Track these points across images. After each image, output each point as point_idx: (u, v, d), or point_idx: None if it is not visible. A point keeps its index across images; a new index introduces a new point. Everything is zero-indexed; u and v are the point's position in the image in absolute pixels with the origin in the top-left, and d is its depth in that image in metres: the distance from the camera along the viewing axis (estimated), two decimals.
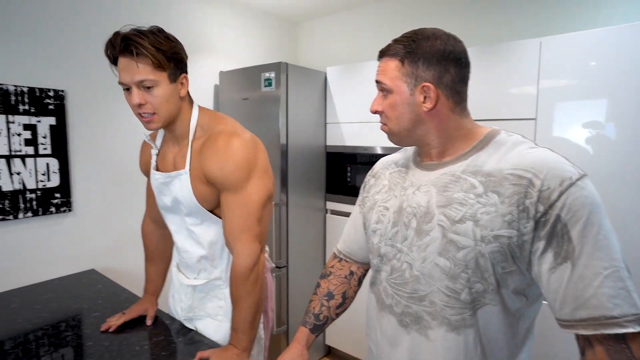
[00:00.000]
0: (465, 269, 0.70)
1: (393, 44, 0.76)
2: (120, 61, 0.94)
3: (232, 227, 1.02)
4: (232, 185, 1.01)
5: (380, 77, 0.77)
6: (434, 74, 0.72)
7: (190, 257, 1.16)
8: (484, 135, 0.77)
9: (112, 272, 1.93)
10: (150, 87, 0.94)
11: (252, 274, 1.02)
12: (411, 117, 0.76)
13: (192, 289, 1.21)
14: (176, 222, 1.16)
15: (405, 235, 0.79)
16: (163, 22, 2.08)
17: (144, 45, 0.90)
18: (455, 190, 0.73)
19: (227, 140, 1.01)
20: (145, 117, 0.98)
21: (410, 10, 2.38)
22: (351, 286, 1.02)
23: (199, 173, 1.05)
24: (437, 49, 0.72)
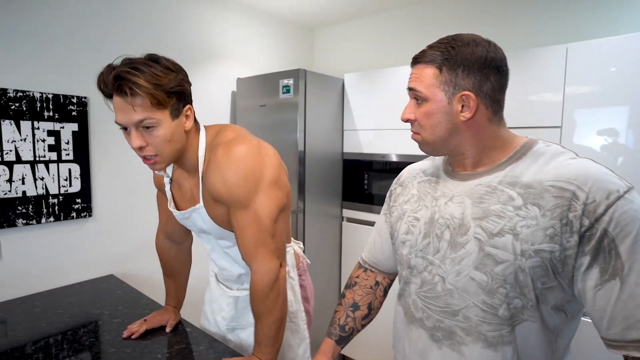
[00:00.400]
0: (504, 284, 0.68)
1: (429, 50, 0.74)
2: (115, 100, 0.83)
3: (246, 244, 0.96)
4: (238, 200, 0.93)
5: (415, 84, 0.75)
6: (474, 82, 0.70)
7: (230, 274, 1.16)
8: (521, 145, 0.75)
9: (131, 278, 1.94)
10: (151, 127, 0.84)
11: (272, 291, 0.97)
12: (447, 127, 0.74)
13: (234, 300, 1.19)
14: (210, 241, 1.14)
15: (437, 247, 0.77)
16: (180, 28, 2.10)
17: (139, 84, 0.79)
18: (491, 202, 0.71)
19: (226, 150, 0.92)
20: (148, 159, 0.89)
21: (429, 17, 2.36)
22: (377, 297, 1.00)
23: (208, 197, 0.98)
24: (478, 55, 0.70)
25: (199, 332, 1.24)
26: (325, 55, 2.93)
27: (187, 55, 2.12)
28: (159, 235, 1.28)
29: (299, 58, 2.86)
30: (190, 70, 2.15)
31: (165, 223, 1.24)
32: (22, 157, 1.60)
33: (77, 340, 1.18)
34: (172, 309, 1.29)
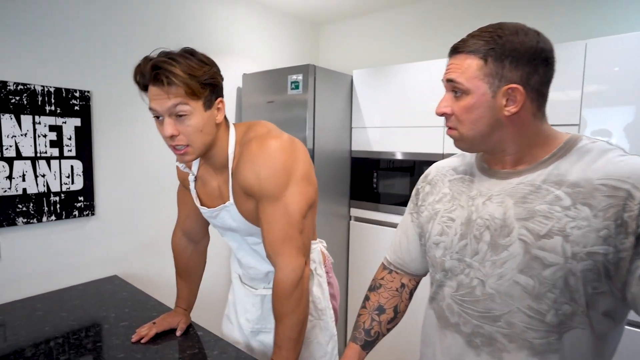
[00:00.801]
0: (552, 289, 0.64)
1: (470, 39, 0.69)
2: (151, 90, 0.85)
3: (273, 239, 0.94)
4: (269, 193, 0.92)
5: (455, 75, 0.69)
6: (522, 75, 0.66)
7: (257, 272, 1.13)
8: (565, 142, 0.71)
9: (135, 279, 1.88)
10: (183, 116, 0.85)
11: (296, 290, 0.94)
12: (490, 122, 0.69)
13: (260, 299, 1.16)
14: (236, 239, 1.11)
15: (475, 249, 0.73)
16: (184, 22, 2.04)
17: (176, 73, 0.82)
18: (537, 202, 0.67)
19: (260, 144, 0.93)
20: (179, 150, 0.89)
21: (438, 14, 2.33)
22: (403, 299, 0.96)
23: (239, 191, 0.97)
24: (528, 45, 0.65)
25: (212, 336, 1.19)
26: (330, 51, 2.88)
27: None
28: (177, 233, 1.24)
29: (304, 54, 2.81)
30: None
31: (185, 220, 1.20)
32: (23, 153, 1.53)
33: (83, 345, 1.12)
34: (182, 311, 1.24)
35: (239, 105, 2.35)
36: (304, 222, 0.96)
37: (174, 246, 1.24)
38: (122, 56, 1.80)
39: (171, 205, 2.03)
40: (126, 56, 1.81)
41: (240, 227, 1.03)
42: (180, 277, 1.25)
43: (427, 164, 2.01)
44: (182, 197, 1.20)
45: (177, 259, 1.24)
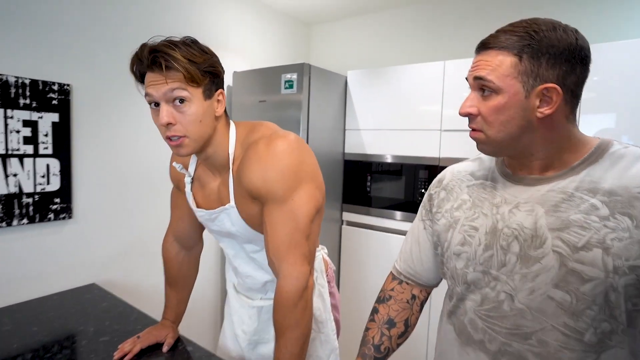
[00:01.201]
0: (592, 305, 0.59)
1: (502, 35, 0.64)
2: (148, 76, 0.81)
3: (277, 245, 0.88)
4: (276, 196, 0.87)
5: (485, 72, 0.64)
6: (559, 74, 0.61)
7: (254, 282, 1.06)
8: (596, 146, 0.67)
9: (116, 287, 1.75)
10: (181, 104, 0.80)
11: (300, 300, 0.87)
12: (521, 124, 0.64)
13: (257, 310, 1.08)
14: (234, 246, 1.04)
15: (502, 261, 0.68)
16: (174, 14, 1.94)
17: (175, 57, 0.77)
18: (571, 211, 0.62)
19: (267, 144, 0.87)
20: (174, 141, 0.82)
21: (431, 16, 2.30)
22: (413, 312, 0.90)
23: (243, 194, 0.90)
24: (567, 43, 0.60)
25: (203, 352, 1.09)
26: (322, 51, 2.83)
27: None
28: (168, 238, 1.16)
29: (295, 53, 2.74)
30: None
31: (177, 224, 1.13)
32: None
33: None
34: (169, 323, 1.15)
35: (228, 105, 2.26)
36: (311, 227, 0.90)
37: (165, 252, 1.16)
38: (106, 48, 1.68)
39: (159, 207, 1.92)
40: (111, 48, 1.70)
41: (239, 232, 0.96)
42: (170, 286, 1.16)
43: (422, 167, 1.98)
44: (175, 199, 1.12)
45: (167, 266, 1.16)
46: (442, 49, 2.26)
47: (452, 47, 2.22)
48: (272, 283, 1.04)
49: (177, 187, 1.09)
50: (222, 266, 2.28)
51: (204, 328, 2.22)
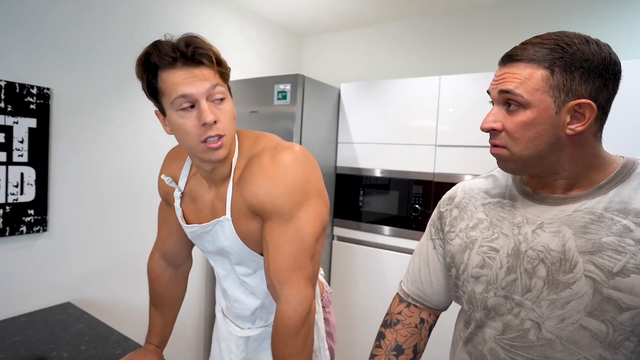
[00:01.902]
0: (631, 336, 0.55)
1: (531, 47, 0.60)
2: (177, 73, 0.72)
3: (279, 266, 0.80)
4: (281, 212, 0.80)
5: (513, 86, 0.60)
6: (592, 90, 0.58)
7: (244, 309, 0.97)
8: (622, 165, 0.64)
9: (95, 307, 1.63)
10: (220, 101, 0.76)
11: (303, 327, 0.80)
12: (550, 141, 0.61)
13: (245, 341, 1.00)
14: (225, 266, 0.96)
15: (527, 286, 0.63)
16: (163, 20, 1.88)
17: (217, 53, 0.75)
18: (602, 233, 0.58)
19: (273, 156, 0.81)
20: (213, 143, 0.75)
21: (425, 31, 2.31)
22: (422, 337, 0.84)
23: (243, 208, 0.83)
24: (601, 57, 0.58)
25: None
26: (314, 63, 2.80)
27: None
28: (154, 256, 1.08)
29: (288, 64, 2.70)
30: None
31: (165, 241, 1.05)
32: None
33: None
34: (154, 348, 1.05)
35: None
36: (316, 247, 0.83)
37: (150, 271, 1.08)
38: (91, 53, 1.60)
39: (143, 222, 1.81)
40: (96, 54, 1.62)
41: (232, 249, 0.89)
42: (155, 307, 1.07)
43: (416, 182, 1.95)
44: (163, 215, 1.04)
45: (152, 285, 1.08)
46: (437, 63, 2.26)
47: (448, 62, 2.23)
48: (262, 311, 0.97)
49: (166, 202, 1.01)
50: (208, 286, 2.17)
51: (187, 353, 2.10)
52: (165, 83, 0.73)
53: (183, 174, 0.93)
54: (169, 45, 0.72)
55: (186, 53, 0.72)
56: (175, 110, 0.74)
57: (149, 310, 1.08)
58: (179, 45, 0.72)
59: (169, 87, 0.73)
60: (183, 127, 0.75)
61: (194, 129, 0.74)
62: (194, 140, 0.75)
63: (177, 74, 0.72)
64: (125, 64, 1.70)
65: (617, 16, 1.80)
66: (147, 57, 0.74)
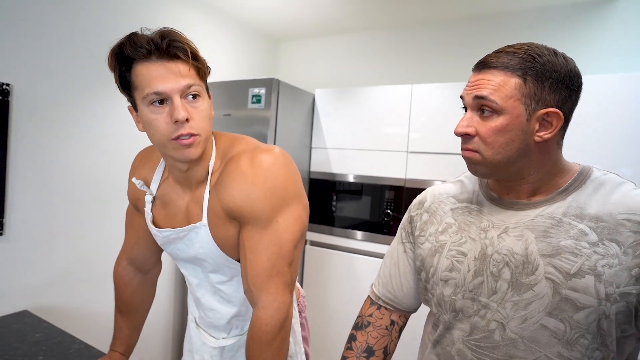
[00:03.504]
0: (585, 334, 0.58)
1: (504, 55, 0.63)
2: (151, 66, 0.69)
3: (257, 272, 0.78)
4: (259, 217, 0.77)
5: (488, 92, 0.62)
6: (559, 99, 0.61)
7: (218, 318, 0.93)
8: (579, 172, 0.68)
9: (54, 315, 1.54)
10: (195, 99, 0.73)
11: (280, 333, 0.78)
12: (519, 147, 0.64)
13: (219, 351, 0.96)
14: (197, 275, 0.92)
15: (493, 288, 0.66)
16: (132, 17, 1.83)
17: (194, 48, 0.72)
18: (560, 237, 0.62)
19: (251, 159, 0.78)
20: (185, 140, 0.71)
21: (400, 40, 2.38)
22: (392, 339, 0.86)
23: (220, 212, 0.81)
24: (568, 69, 0.61)
25: None
26: (289, 68, 2.81)
27: None
28: (121, 261, 1.04)
29: (262, 68, 2.70)
30: None
31: (133, 246, 1.01)
32: None
33: None
34: (118, 356, 1.01)
35: None
36: (295, 252, 0.82)
37: (117, 277, 1.04)
38: (57, 50, 1.53)
39: (107, 226, 1.74)
40: (63, 51, 1.55)
41: (208, 256, 0.86)
42: (121, 314, 1.03)
43: (388, 188, 1.99)
44: (131, 219, 1.00)
45: (119, 291, 1.04)
46: (410, 72, 2.33)
47: (420, 71, 2.30)
48: (238, 319, 0.94)
49: (135, 206, 0.97)
50: (178, 292, 2.11)
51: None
52: (138, 76, 0.70)
53: (155, 177, 0.89)
54: (144, 38, 0.69)
55: (161, 46, 0.69)
56: (147, 106, 0.71)
57: (114, 316, 1.04)
58: (154, 38, 0.69)
59: (142, 81, 0.70)
60: (154, 122, 0.71)
61: (165, 126, 0.71)
62: (165, 137, 0.72)
63: (151, 68, 0.69)
64: (93, 62, 1.64)
65: (580, 33, 1.93)
66: (121, 49, 0.70)
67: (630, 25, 1.81)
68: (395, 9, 2.13)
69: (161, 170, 0.89)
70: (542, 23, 1.99)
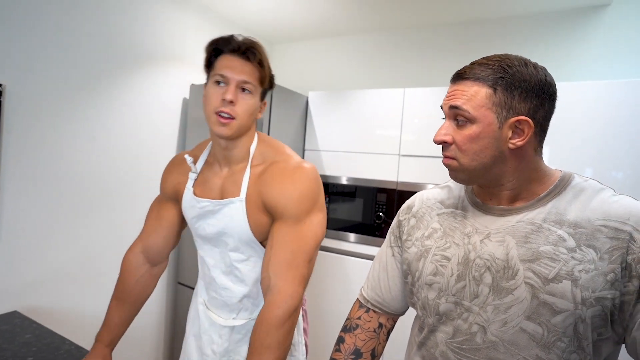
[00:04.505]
0: (562, 337, 0.60)
1: (477, 67, 0.66)
2: (229, 59, 0.91)
3: (279, 261, 0.89)
4: (292, 215, 0.92)
5: (461, 102, 0.66)
6: (530, 108, 0.64)
7: (231, 296, 1.02)
8: (559, 179, 0.70)
9: (43, 315, 1.54)
10: (246, 93, 0.91)
11: (288, 320, 0.86)
12: (493, 154, 0.66)
13: (229, 330, 1.04)
14: (215, 256, 1.02)
15: (475, 292, 0.68)
16: (127, 24, 1.84)
17: (264, 56, 0.92)
18: (540, 242, 0.64)
19: (296, 167, 0.95)
20: (225, 118, 0.89)
21: (393, 44, 2.40)
22: (380, 341, 0.87)
23: (257, 200, 0.95)
24: (537, 78, 0.64)
25: None
26: (283, 70, 2.82)
27: (132, 52, 1.84)
28: (134, 248, 1.10)
29: None
30: (134, 68, 1.87)
31: (151, 234, 1.09)
32: None
33: None
34: (102, 349, 1.02)
35: (184, 118, 2.15)
36: (314, 252, 0.94)
37: (126, 262, 1.09)
38: (51, 51, 1.53)
39: (99, 226, 1.74)
40: (57, 52, 1.55)
41: (234, 231, 0.95)
42: (117, 301, 1.07)
43: (380, 191, 2.00)
44: (158, 210, 1.10)
45: (123, 277, 1.09)
46: (402, 76, 2.35)
47: (412, 75, 2.32)
48: (248, 300, 1.01)
49: (172, 193, 1.08)
50: (168, 291, 2.11)
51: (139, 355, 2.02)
52: (218, 62, 0.91)
53: (201, 160, 1.05)
54: (235, 39, 0.91)
55: (241, 47, 0.90)
56: (212, 83, 0.91)
57: (109, 305, 1.06)
58: (239, 41, 0.91)
59: (217, 65, 0.91)
60: (210, 96, 0.90)
61: (215, 100, 0.89)
62: (211, 108, 0.89)
63: (228, 58, 0.90)
64: (86, 62, 1.64)
65: (569, 40, 1.96)
66: (217, 40, 0.92)
67: (618, 32, 1.85)
68: (388, 13, 2.15)
69: (206, 154, 1.05)
70: (531, 29, 2.02)
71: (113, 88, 1.77)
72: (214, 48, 0.92)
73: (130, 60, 1.83)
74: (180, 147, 2.14)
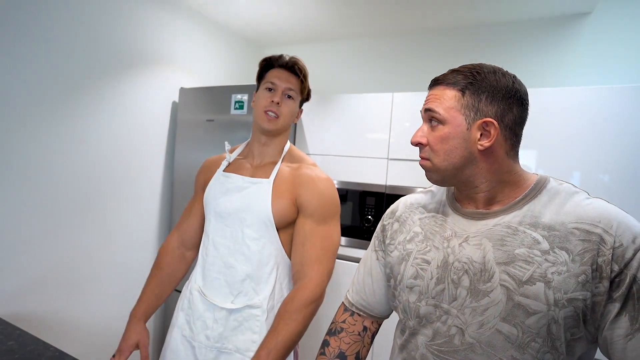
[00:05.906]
0: (536, 338, 0.62)
1: (451, 73, 0.71)
2: (279, 72, 1.12)
3: (309, 254, 1.04)
4: (321, 215, 1.06)
5: (433, 105, 0.70)
6: (497, 111, 0.67)
7: (234, 274, 1.08)
8: (535, 182, 0.72)
9: (27, 321, 1.52)
10: (289, 99, 1.11)
11: (314, 303, 1.00)
12: (463, 154, 0.69)
13: (226, 314, 1.07)
14: (226, 235, 1.11)
15: (454, 295, 0.69)
16: (117, 27, 1.83)
17: (306, 73, 1.15)
18: (515, 245, 0.66)
19: (326, 178, 1.12)
20: (271, 116, 1.09)
21: (383, 49, 2.43)
22: (365, 345, 0.88)
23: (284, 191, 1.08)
24: (504, 84, 0.68)
25: None
26: None
27: (122, 54, 1.84)
28: (172, 238, 1.26)
29: (246, 74, 2.71)
30: (123, 71, 1.87)
31: (185, 221, 1.25)
32: None
33: None
34: (137, 324, 1.14)
35: (173, 121, 2.15)
36: (337, 249, 1.08)
37: (165, 246, 1.24)
38: (32, 49, 1.52)
39: (87, 228, 1.73)
40: (37, 50, 1.54)
41: (256, 208, 1.07)
42: (155, 279, 1.20)
43: (369, 194, 2.02)
44: (190, 205, 1.26)
45: (161, 256, 1.23)
46: (391, 81, 2.38)
47: (400, 80, 2.35)
48: (250, 282, 1.07)
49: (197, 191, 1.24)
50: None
51: None
52: (268, 74, 1.12)
53: (235, 153, 1.22)
54: (283, 57, 1.13)
55: (288, 63, 1.12)
56: (263, 89, 1.11)
57: (145, 282, 1.19)
58: (287, 59, 1.13)
59: (268, 76, 1.12)
60: (260, 97, 1.11)
61: (265, 101, 1.09)
62: (260, 107, 1.09)
63: (277, 71, 1.12)
64: (71, 65, 1.64)
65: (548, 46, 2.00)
66: (270, 58, 1.13)
67: (599, 40, 1.89)
68: (377, 19, 2.18)
69: (241, 149, 1.22)
70: (515, 36, 2.07)
71: (103, 91, 1.76)
72: (266, 63, 1.13)
73: (119, 64, 1.83)
74: (170, 150, 2.14)
